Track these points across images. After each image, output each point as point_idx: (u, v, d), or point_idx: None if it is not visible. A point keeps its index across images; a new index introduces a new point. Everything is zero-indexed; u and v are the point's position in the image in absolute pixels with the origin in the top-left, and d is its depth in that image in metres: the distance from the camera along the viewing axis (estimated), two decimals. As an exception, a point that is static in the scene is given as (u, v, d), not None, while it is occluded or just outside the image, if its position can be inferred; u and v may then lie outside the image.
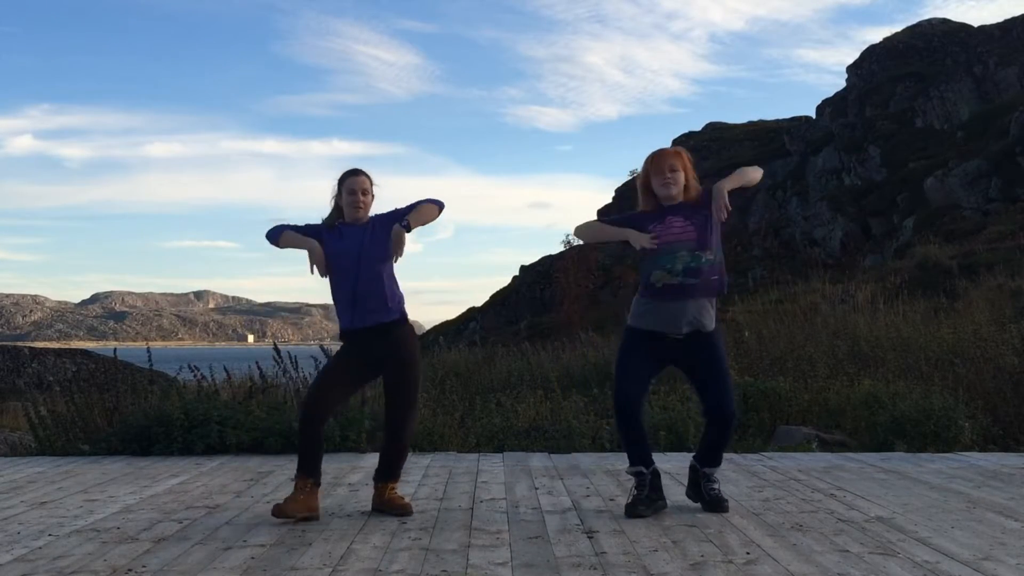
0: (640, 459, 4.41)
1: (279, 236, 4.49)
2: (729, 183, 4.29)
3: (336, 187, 4.52)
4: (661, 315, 4.34)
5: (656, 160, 4.39)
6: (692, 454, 6.47)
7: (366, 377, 4.64)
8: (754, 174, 4.42)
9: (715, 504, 4.40)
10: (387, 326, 4.40)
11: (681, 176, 4.37)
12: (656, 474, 4.42)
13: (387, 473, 4.51)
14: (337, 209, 4.52)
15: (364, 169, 4.54)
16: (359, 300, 4.37)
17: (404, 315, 4.48)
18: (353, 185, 4.45)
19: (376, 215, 4.52)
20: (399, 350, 4.42)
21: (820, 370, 8.40)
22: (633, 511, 4.30)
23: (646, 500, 4.34)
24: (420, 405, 7.47)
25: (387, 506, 4.45)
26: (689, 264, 4.27)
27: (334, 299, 4.47)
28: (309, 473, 4.34)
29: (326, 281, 4.52)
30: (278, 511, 4.21)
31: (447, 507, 4.57)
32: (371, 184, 4.51)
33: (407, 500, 4.53)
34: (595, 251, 39.28)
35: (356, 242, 4.39)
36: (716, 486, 4.47)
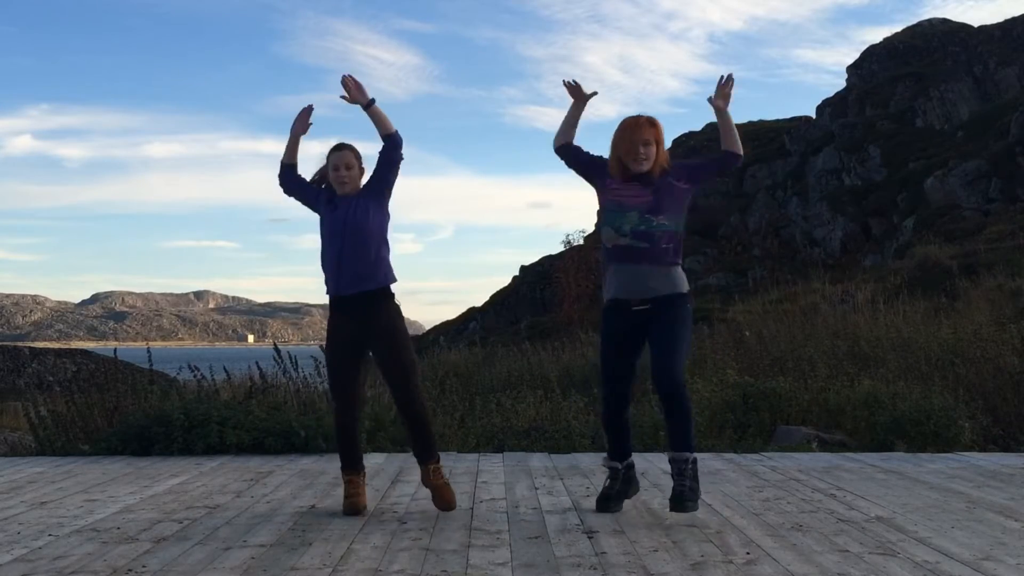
0: (618, 455, 4.42)
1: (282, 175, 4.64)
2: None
3: (326, 159, 4.59)
4: (618, 279, 4.25)
5: (630, 130, 4.26)
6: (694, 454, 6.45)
7: (360, 352, 4.56)
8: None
9: (676, 501, 4.07)
10: (370, 295, 4.43)
11: (653, 150, 4.25)
12: (630, 466, 4.45)
13: (422, 453, 4.56)
14: (324, 177, 4.60)
15: (351, 143, 4.60)
16: (343, 268, 4.42)
17: (387, 287, 4.49)
18: (337, 161, 4.51)
19: (367, 184, 4.58)
20: (380, 317, 4.43)
21: (820, 370, 8.40)
22: (604, 506, 4.36)
23: (617, 495, 4.39)
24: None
25: (432, 489, 4.51)
26: (638, 226, 4.17)
27: (322, 267, 4.52)
28: (355, 467, 4.55)
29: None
30: (354, 508, 4.38)
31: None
32: (357, 158, 4.54)
33: (451, 488, 4.55)
34: (595, 251, 39.25)
35: (341, 213, 4.47)
36: (686, 481, 4.10)
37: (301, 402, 7.38)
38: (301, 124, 4.67)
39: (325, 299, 4.62)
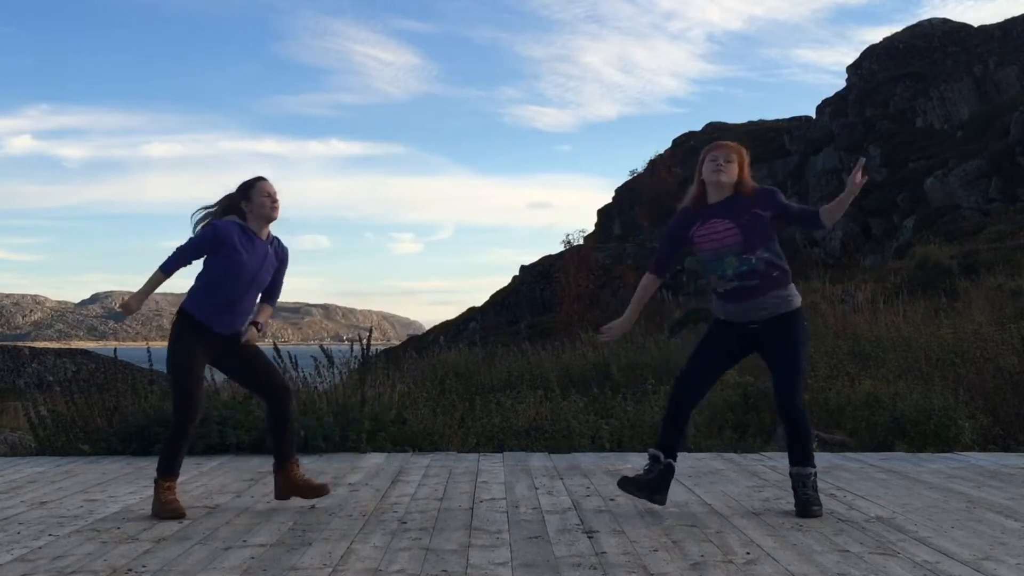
0: (661, 444, 4.40)
1: (166, 273, 4.49)
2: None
3: (236, 197, 4.52)
4: (730, 311, 4.38)
5: (713, 147, 4.42)
6: (693, 454, 6.49)
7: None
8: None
9: (802, 507, 4.22)
10: (237, 335, 4.55)
11: (734, 168, 4.35)
12: (668, 468, 4.37)
13: (289, 450, 4.63)
14: (230, 208, 4.53)
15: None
16: (236, 314, 4.50)
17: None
18: (269, 188, 4.51)
19: (276, 239, 4.62)
20: (235, 340, 4.55)
21: (820, 370, 8.40)
22: (624, 483, 4.36)
23: (644, 484, 4.33)
24: (420, 405, 7.48)
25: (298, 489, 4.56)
26: (740, 269, 4.25)
27: (209, 293, 4.45)
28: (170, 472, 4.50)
29: (326, 281, 4.59)
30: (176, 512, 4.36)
31: (447, 507, 4.57)
32: None
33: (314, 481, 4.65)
34: (595, 251, 39.31)
35: (258, 261, 4.47)
36: (808, 491, 4.24)
37: (301, 402, 7.38)
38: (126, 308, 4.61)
39: (325, 299, 4.69)
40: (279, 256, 4.63)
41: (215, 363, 4.67)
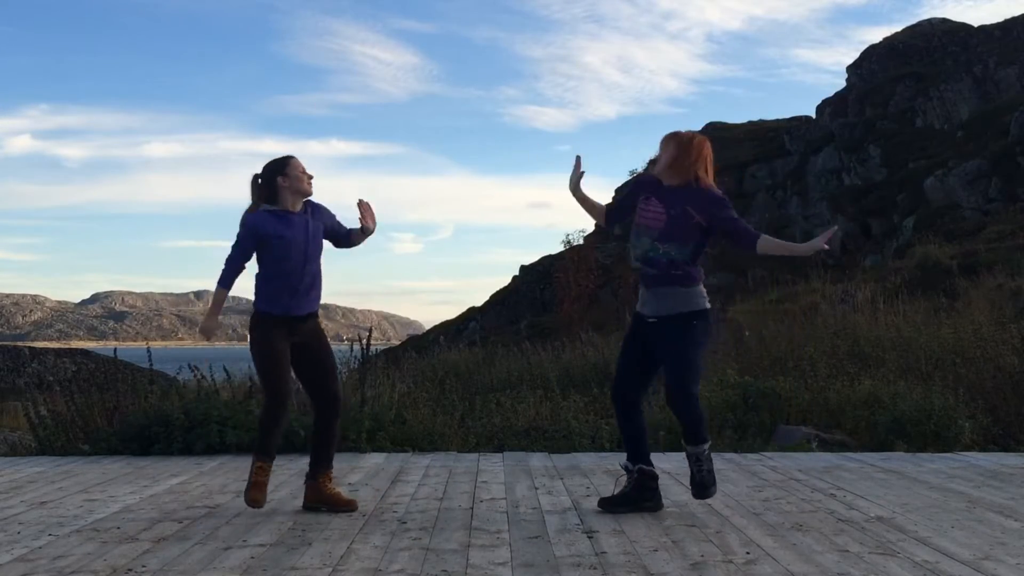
0: (629, 455, 4.46)
1: (225, 286, 4.53)
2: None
3: (269, 174, 4.51)
4: (639, 296, 4.49)
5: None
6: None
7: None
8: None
9: (698, 488, 4.33)
10: (314, 314, 4.59)
11: (664, 156, 4.40)
12: (643, 473, 4.40)
13: (326, 460, 4.56)
14: (265, 193, 4.52)
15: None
16: (303, 293, 4.48)
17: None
18: (301, 166, 4.54)
19: (311, 203, 4.60)
20: (317, 334, 4.60)
21: (820, 370, 8.40)
22: (604, 503, 4.41)
23: (621, 499, 4.38)
24: (420, 405, 7.49)
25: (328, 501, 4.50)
26: (647, 253, 4.34)
27: (268, 284, 4.46)
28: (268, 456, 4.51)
29: (327, 281, 4.58)
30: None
31: (447, 507, 4.57)
32: None
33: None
34: (595, 251, 39.27)
35: (302, 231, 4.48)
36: (704, 466, 4.32)
37: (301, 402, 7.38)
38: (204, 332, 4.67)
39: (324, 299, 4.68)
40: (321, 216, 4.60)
41: (295, 350, 4.59)
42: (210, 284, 4.71)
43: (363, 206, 4.70)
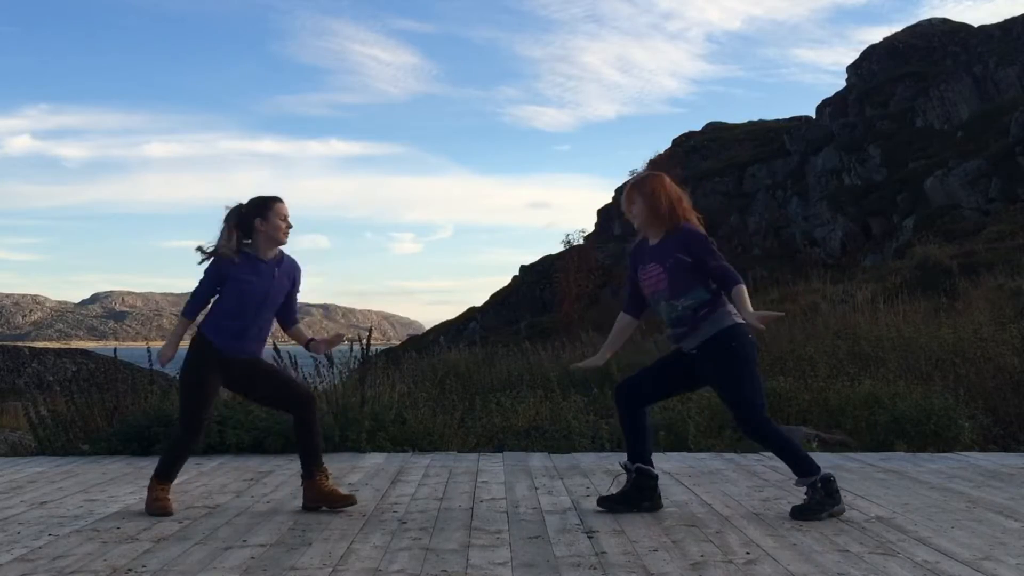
0: (629, 454, 4.48)
1: (189, 317, 4.58)
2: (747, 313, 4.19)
3: (249, 212, 4.48)
4: (675, 341, 4.45)
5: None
6: (693, 454, 6.48)
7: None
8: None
9: (803, 512, 4.18)
10: (250, 359, 4.60)
11: (636, 209, 4.41)
12: (641, 473, 4.39)
13: (315, 456, 4.58)
14: (239, 236, 4.48)
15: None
16: (250, 338, 4.53)
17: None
18: (285, 211, 4.52)
19: (285, 255, 4.60)
20: (252, 367, 4.62)
21: (820, 370, 8.40)
22: (603, 501, 4.42)
23: (620, 498, 4.39)
24: (420, 405, 7.49)
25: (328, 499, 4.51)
26: (670, 315, 4.35)
27: (220, 317, 4.49)
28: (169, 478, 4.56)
29: (326, 281, 4.59)
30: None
31: (447, 507, 4.57)
32: None
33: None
34: (595, 251, 39.32)
35: (267, 280, 4.48)
36: (816, 496, 4.18)
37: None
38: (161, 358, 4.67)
39: (324, 299, 4.72)
40: (289, 275, 4.61)
41: (229, 385, 4.70)
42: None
43: (327, 343, 4.78)
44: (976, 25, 45.18)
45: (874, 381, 7.90)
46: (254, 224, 4.48)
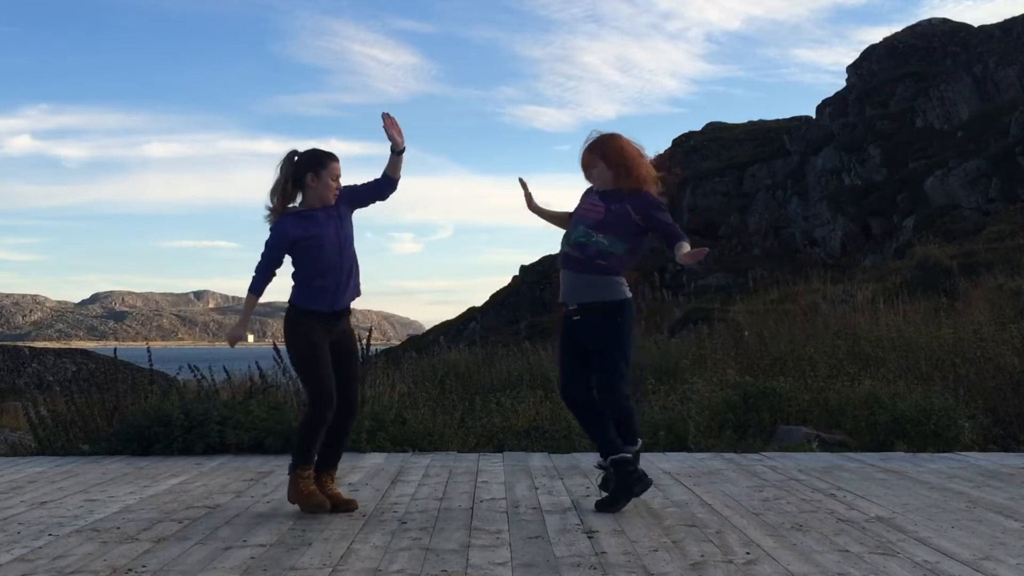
0: (600, 451, 4.51)
1: (256, 293, 4.48)
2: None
3: (303, 166, 4.38)
4: (562, 282, 4.56)
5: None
6: (693, 454, 6.48)
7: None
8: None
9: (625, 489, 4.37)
10: (349, 310, 4.54)
11: (595, 173, 4.52)
12: (616, 463, 4.41)
13: (333, 461, 4.53)
14: (291, 186, 4.40)
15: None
16: (343, 283, 4.42)
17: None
18: (337, 171, 4.42)
19: (344, 195, 4.51)
20: (350, 335, 4.57)
21: (820, 370, 8.39)
22: (598, 505, 4.44)
23: (616, 496, 4.41)
24: (420, 405, 7.49)
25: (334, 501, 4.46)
26: (579, 239, 4.42)
27: (309, 283, 4.39)
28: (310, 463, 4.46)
29: None
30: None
31: (447, 507, 4.57)
32: None
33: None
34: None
35: (330, 225, 4.39)
36: (632, 465, 4.39)
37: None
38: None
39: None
40: (342, 202, 4.45)
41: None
42: (209, 284, 4.75)
43: (387, 119, 4.49)
44: (976, 25, 45.18)
45: (874, 381, 7.89)
46: (305, 179, 4.38)
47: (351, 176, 4.58)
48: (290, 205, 4.45)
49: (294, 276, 4.45)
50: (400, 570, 3.36)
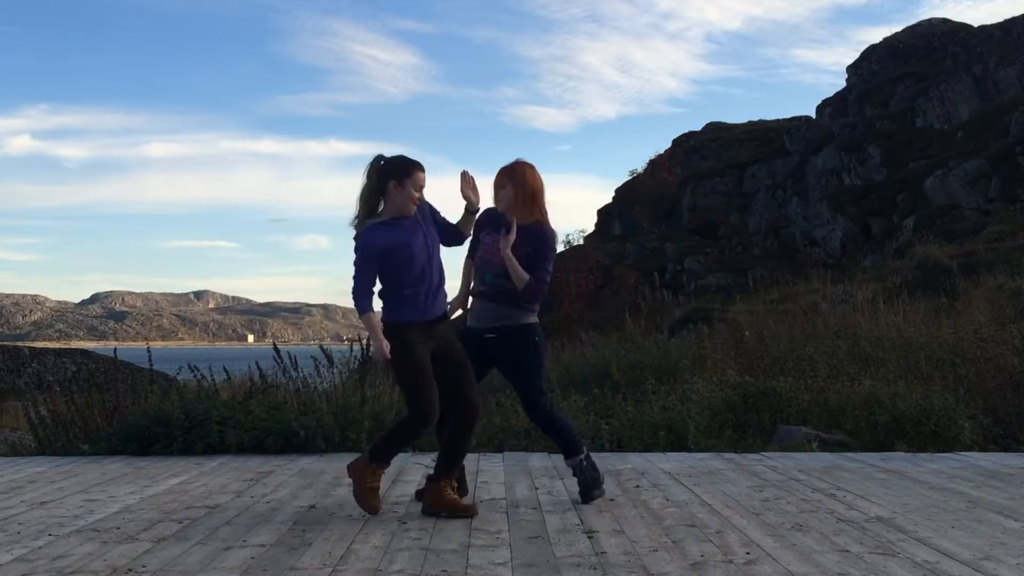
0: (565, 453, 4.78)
1: (370, 310, 4.32)
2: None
3: (387, 173, 4.25)
4: (473, 310, 4.75)
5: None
6: (693, 454, 6.48)
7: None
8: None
9: (584, 493, 4.64)
10: (446, 316, 4.48)
11: (502, 193, 4.63)
12: (579, 466, 4.69)
13: (450, 469, 4.44)
14: (373, 196, 4.28)
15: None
16: (434, 291, 4.34)
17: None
18: (422, 182, 4.29)
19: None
20: (451, 339, 4.45)
21: (820, 370, 8.39)
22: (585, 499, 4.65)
23: (587, 491, 4.64)
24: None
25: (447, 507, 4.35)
26: (492, 281, 4.62)
27: (399, 293, 4.28)
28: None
29: (326, 281, 4.53)
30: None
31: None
32: None
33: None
34: (595, 251, 39.31)
35: (416, 232, 4.29)
36: (587, 474, 4.67)
37: (301, 402, 7.39)
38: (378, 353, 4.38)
39: (325, 299, 4.67)
40: (424, 212, 4.36)
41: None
42: (210, 284, 4.72)
43: (465, 178, 4.45)
44: (976, 25, 45.16)
45: (874, 381, 7.89)
46: (388, 186, 4.25)
47: (351, 176, 4.57)
48: (376, 213, 4.33)
49: (382, 292, 4.33)
50: (400, 570, 3.36)
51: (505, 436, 7.25)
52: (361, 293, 4.25)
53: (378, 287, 4.34)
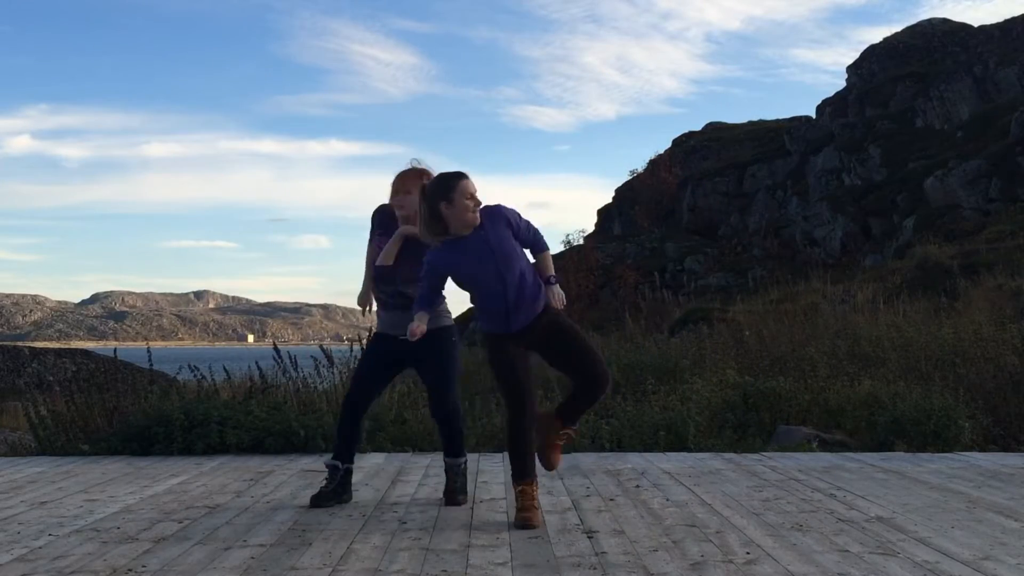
0: (342, 455, 4.72)
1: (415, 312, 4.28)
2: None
3: (432, 197, 4.12)
4: (384, 320, 4.84)
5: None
6: (693, 454, 6.48)
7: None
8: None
9: (450, 495, 4.69)
10: (538, 317, 4.29)
11: (408, 199, 4.57)
12: (348, 472, 4.71)
13: (573, 416, 4.43)
14: (434, 220, 4.13)
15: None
16: (512, 306, 4.20)
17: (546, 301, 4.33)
18: (470, 188, 4.12)
19: (484, 210, 4.19)
20: (552, 328, 4.31)
21: (820, 370, 8.39)
22: (317, 502, 4.59)
23: (331, 493, 4.62)
24: (420, 405, 7.47)
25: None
26: (402, 289, 4.66)
27: (480, 308, 4.28)
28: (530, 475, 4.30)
29: (326, 281, 4.54)
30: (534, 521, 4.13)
31: (447, 507, 4.57)
32: None
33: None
34: (595, 251, 39.30)
35: (482, 250, 4.13)
36: (460, 478, 4.75)
37: (301, 402, 7.39)
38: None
39: (324, 299, 4.66)
40: (497, 221, 4.17)
41: (530, 346, 4.32)
42: (210, 284, 4.75)
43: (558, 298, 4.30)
44: (976, 25, 45.15)
45: (874, 381, 7.90)
46: (440, 210, 4.10)
47: (351, 176, 4.56)
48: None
49: (471, 300, 4.39)
50: (400, 570, 3.36)
51: (505, 436, 7.24)
52: (417, 301, 4.31)
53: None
